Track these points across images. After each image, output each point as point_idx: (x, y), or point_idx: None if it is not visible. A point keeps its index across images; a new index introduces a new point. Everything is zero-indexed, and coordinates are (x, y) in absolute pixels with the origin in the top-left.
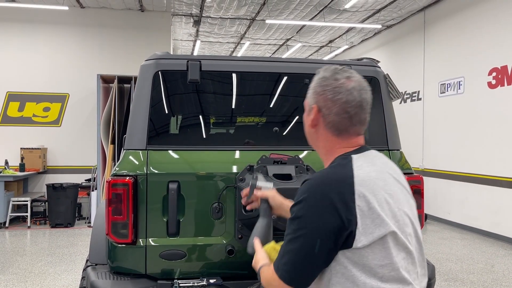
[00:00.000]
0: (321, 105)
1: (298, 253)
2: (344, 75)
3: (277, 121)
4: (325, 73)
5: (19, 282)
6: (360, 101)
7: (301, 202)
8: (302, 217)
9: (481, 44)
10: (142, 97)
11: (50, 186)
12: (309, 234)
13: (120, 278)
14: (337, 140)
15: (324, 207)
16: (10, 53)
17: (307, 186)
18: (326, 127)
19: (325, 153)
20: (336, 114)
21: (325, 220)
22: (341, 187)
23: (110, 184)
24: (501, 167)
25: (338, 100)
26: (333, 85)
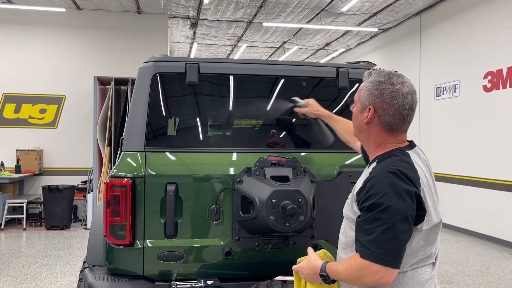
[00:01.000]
0: (377, 107)
1: (398, 238)
2: (399, 80)
3: (274, 124)
4: (381, 77)
5: (15, 284)
6: (412, 104)
7: (387, 194)
8: (394, 206)
9: (477, 48)
10: (140, 99)
11: (46, 188)
12: (405, 218)
13: (118, 280)
14: (388, 136)
15: (409, 193)
16: (6, 55)
17: (383, 179)
18: (380, 126)
19: (376, 146)
20: (392, 116)
21: (408, 206)
22: (412, 178)
23: (108, 186)
24: (496, 170)
25: (395, 104)
26: (390, 89)
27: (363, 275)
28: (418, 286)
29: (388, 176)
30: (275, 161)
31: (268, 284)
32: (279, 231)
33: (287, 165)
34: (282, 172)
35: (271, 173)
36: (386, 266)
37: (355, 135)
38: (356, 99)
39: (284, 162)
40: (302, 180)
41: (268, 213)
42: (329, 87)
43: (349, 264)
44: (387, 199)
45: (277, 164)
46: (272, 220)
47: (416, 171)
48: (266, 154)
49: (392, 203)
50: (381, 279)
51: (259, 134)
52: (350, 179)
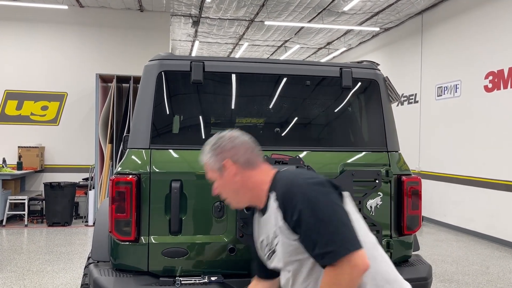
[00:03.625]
0: (229, 156)
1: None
2: (225, 132)
3: (279, 122)
4: (211, 142)
5: (17, 280)
6: (248, 140)
7: (301, 199)
8: (315, 205)
9: (478, 48)
10: (145, 97)
11: (48, 184)
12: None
13: (123, 275)
14: (257, 172)
15: (317, 186)
16: (8, 52)
17: (289, 192)
18: (244, 168)
19: (257, 187)
20: (244, 153)
21: (327, 191)
22: (311, 174)
23: (113, 182)
24: (497, 170)
25: (237, 144)
26: (225, 140)
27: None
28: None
29: (291, 186)
30: (279, 159)
31: None
32: None
33: (290, 163)
34: None
35: None
36: (358, 250)
37: (242, 205)
38: (212, 177)
39: (288, 160)
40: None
41: None
42: (332, 86)
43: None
44: (306, 200)
45: (281, 162)
46: None
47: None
48: (270, 152)
49: (310, 198)
50: (361, 265)
51: (263, 132)
52: (353, 178)
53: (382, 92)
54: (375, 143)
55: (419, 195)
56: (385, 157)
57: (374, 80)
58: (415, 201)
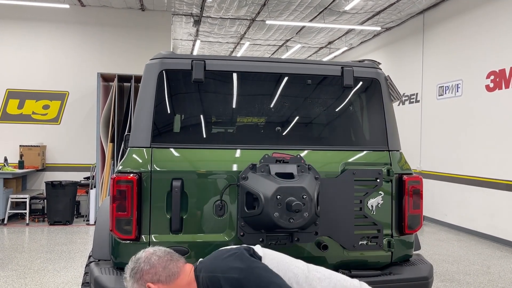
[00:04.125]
0: (149, 279)
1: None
2: (138, 253)
3: (280, 121)
4: (129, 269)
5: (18, 279)
6: (164, 251)
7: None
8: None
9: (480, 48)
10: (146, 96)
11: (49, 183)
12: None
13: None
14: (181, 277)
15: (237, 264)
16: (10, 51)
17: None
18: (167, 283)
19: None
20: (163, 269)
21: (245, 263)
22: (224, 255)
23: (114, 181)
24: (498, 169)
25: (154, 263)
26: (141, 262)
27: None
28: None
29: (212, 272)
30: (280, 158)
31: None
32: (283, 227)
33: (291, 162)
34: (286, 169)
35: (276, 170)
36: None
37: None
38: None
39: (289, 159)
40: (306, 177)
41: (273, 209)
42: (333, 85)
43: None
44: (233, 282)
45: (282, 161)
46: (277, 216)
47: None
48: (271, 151)
49: (239, 277)
50: None
51: (264, 131)
52: (354, 177)
53: (384, 91)
54: (376, 142)
55: (420, 194)
56: (386, 156)
57: (376, 79)
58: (416, 200)
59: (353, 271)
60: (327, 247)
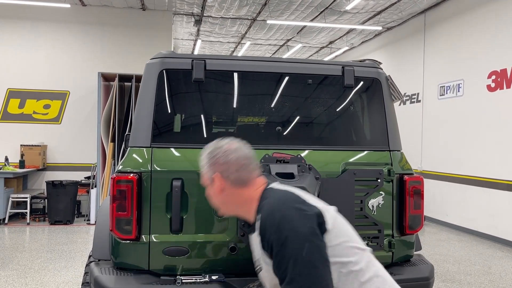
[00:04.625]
0: (219, 171)
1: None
2: (224, 142)
3: (280, 121)
4: (209, 149)
5: (19, 278)
6: (247, 153)
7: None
8: (288, 238)
9: (481, 47)
10: (146, 95)
11: (50, 183)
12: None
13: (123, 274)
14: (246, 190)
15: (292, 212)
16: (11, 50)
17: (270, 216)
18: (233, 186)
19: (245, 204)
20: (235, 171)
21: (304, 227)
22: (294, 198)
23: (114, 181)
24: (499, 169)
25: (230, 160)
26: (220, 152)
27: None
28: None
29: (270, 215)
30: (281, 158)
31: None
32: None
33: (292, 162)
34: (287, 169)
35: (277, 170)
36: None
37: (229, 214)
38: (204, 183)
39: (289, 159)
40: (307, 177)
41: None
42: (334, 85)
43: None
44: (281, 230)
45: (283, 161)
46: None
47: (294, 192)
48: (272, 151)
49: (288, 231)
50: None
51: (265, 131)
52: (355, 177)
53: (384, 91)
54: (377, 142)
55: (421, 194)
56: (387, 156)
57: (377, 79)
58: (417, 200)
59: None
60: None
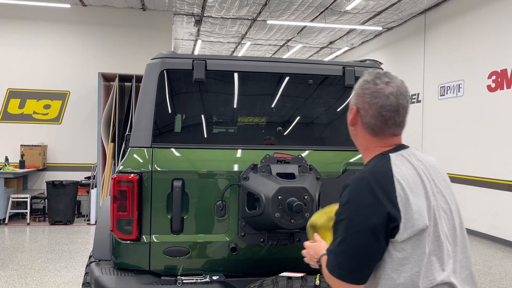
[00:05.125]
0: (360, 107)
1: (351, 251)
2: (384, 80)
3: (281, 121)
4: (368, 76)
5: (19, 278)
6: (396, 106)
7: (346, 204)
8: (349, 217)
9: (481, 48)
10: (147, 96)
11: (50, 183)
12: (359, 232)
13: (124, 274)
14: (373, 139)
15: (370, 205)
16: (11, 50)
17: (349, 188)
18: (363, 127)
19: (364, 151)
20: (371, 117)
21: (372, 216)
22: (382, 185)
23: (115, 181)
24: (500, 170)
25: (375, 104)
26: (372, 89)
27: (328, 280)
28: None
29: (355, 183)
30: (281, 158)
31: (274, 280)
32: (284, 228)
33: (293, 162)
34: (288, 169)
35: (277, 170)
36: (339, 279)
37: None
38: (350, 101)
39: (290, 159)
40: (307, 177)
41: (274, 209)
42: (335, 85)
43: (325, 269)
44: (346, 209)
45: (283, 161)
46: (278, 217)
47: (391, 176)
48: (272, 151)
49: (349, 214)
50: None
51: (266, 131)
52: None
53: None
54: None
55: None
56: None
57: None
58: None
59: None
60: None
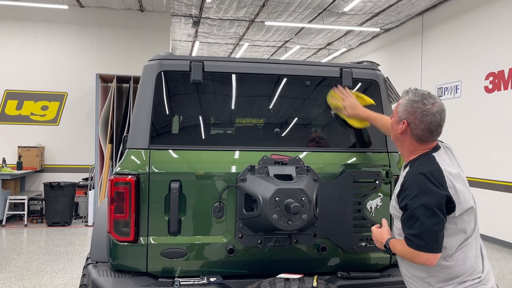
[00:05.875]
0: (410, 121)
1: (432, 229)
2: (430, 101)
3: (278, 122)
4: (416, 97)
5: (16, 280)
6: (440, 121)
7: (418, 195)
8: (424, 204)
9: (479, 49)
10: (144, 97)
11: (48, 184)
12: (434, 212)
13: (121, 276)
14: (419, 145)
15: (436, 192)
16: (9, 51)
17: (414, 183)
18: (412, 137)
19: (409, 153)
20: (421, 130)
21: (439, 199)
22: (437, 179)
23: (112, 183)
24: (497, 171)
25: (425, 121)
26: (422, 108)
27: (412, 258)
28: (463, 262)
29: (418, 178)
30: (279, 160)
31: (271, 282)
32: (282, 229)
33: (290, 164)
34: (285, 171)
35: (275, 171)
36: (428, 252)
37: (392, 140)
38: (394, 112)
39: (288, 160)
40: (305, 178)
41: (272, 211)
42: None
43: (403, 246)
44: (418, 199)
45: (281, 162)
46: (276, 218)
47: (441, 171)
48: (270, 152)
49: (422, 202)
50: (427, 262)
51: (263, 133)
52: (353, 178)
53: (382, 93)
54: (375, 143)
55: None
56: (385, 158)
57: (374, 81)
58: None
59: (352, 273)
60: (326, 249)
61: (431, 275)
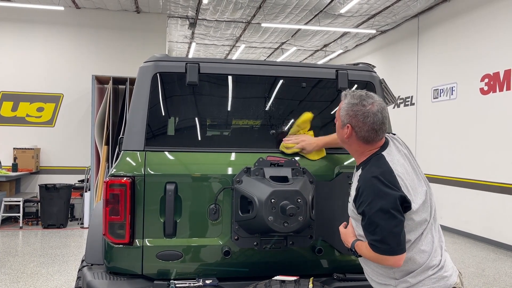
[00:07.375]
0: (354, 125)
1: (393, 232)
2: (369, 101)
3: (274, 124)
4: (354, 99)
5: (11, 283)
6: (383, 119)
7: (372, 200)
8: (380, 208)
9: (474, 51)
10: (140, 99)
11: (43, 186)
12: (392, 214)
13: (117, 278)
14: (367, 146)
15: (390, 194)
16: (4, 53)
17: (368, 189)
18: (358, 139)
19: (359, 155)
20: (366, 132)
21: (394, 200)
22: (390, 180)
23: (107, 185)
24: (493, 172)
25: (368, 122)
26: (362, 110)
27: (379, 262)
28: (422, 251)
29: (371, 182)
30: (275, 162)
31: (267, 284)
32: (278, 231)
33: (286, 166)
34: (281, 173)
35: (271, 173)
36: (393, 255)
37: (340, 144)
38: (337, 116)
39: (283, 162)
40: (301, 180)
41: (267, 213)
42: (328, 88)
43: (368, 250)
44: (374, 204)
45: (277, 164)
46: (271, 220)
47: (392, 172)
48: (266, 154)
49: (379, 206)
50: (394, 264)
51: (259, 134)
52: (349, 180)
53: (378, 94)
54: None
55: None
56: None
57: (370, 82)
58: None
59: (348, 275)
60: (322, 251)
61: (395, 270)
